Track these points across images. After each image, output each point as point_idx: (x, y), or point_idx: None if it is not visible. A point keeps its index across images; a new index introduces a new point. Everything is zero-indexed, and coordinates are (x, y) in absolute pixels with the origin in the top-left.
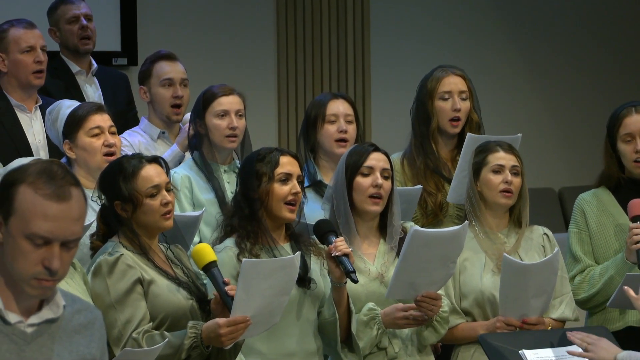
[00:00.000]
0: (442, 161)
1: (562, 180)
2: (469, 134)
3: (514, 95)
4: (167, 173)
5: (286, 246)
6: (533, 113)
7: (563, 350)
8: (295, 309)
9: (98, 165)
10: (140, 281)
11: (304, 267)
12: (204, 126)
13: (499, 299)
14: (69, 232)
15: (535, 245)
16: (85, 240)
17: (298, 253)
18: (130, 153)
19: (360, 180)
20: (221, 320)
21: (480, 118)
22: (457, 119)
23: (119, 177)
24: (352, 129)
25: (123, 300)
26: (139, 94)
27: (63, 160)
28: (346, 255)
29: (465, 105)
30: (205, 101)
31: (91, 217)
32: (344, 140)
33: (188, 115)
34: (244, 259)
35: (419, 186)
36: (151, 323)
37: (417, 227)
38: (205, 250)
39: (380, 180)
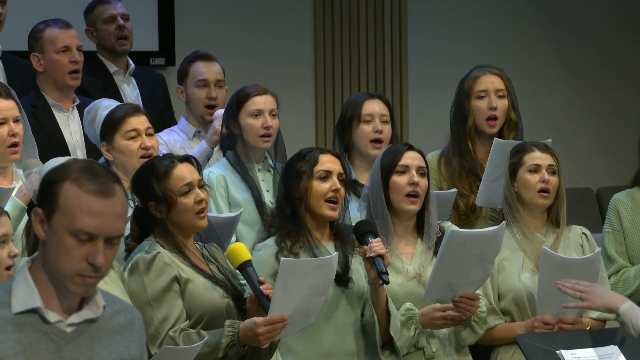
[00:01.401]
0: (479, 162)
1: (600, 180)
2: (495, 139)
3: (551, 96)
4: (199, 171)
5: (330, 245)
6: (571, 113)
7: (601, 350)
8: (332, 308)
9: (135, 168)
10: (177, 279)
11: (345, 266)
12: (237, 126)
13: (536, 296)
14: (113, 227)
15: (574, 244)
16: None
17: (336, 253)
18: (164, 152)
19: (396, 179)
20: (259, 320)
21: (519, 117)
22: (495, 118)
23: (151, 178)
24: (387, 129)
25: (160, 298)
26: (176, 94)
27: (101, 160)
28: (380, 256)
29: (502, 104)
30: (238, 101)
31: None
32: (379, 140)
33: (219, 111)
34: (282, 258)
35: (454, 190)
36: (187, 321)
37: (455, 227)
38: (241, 250)
39: (416, 178)
